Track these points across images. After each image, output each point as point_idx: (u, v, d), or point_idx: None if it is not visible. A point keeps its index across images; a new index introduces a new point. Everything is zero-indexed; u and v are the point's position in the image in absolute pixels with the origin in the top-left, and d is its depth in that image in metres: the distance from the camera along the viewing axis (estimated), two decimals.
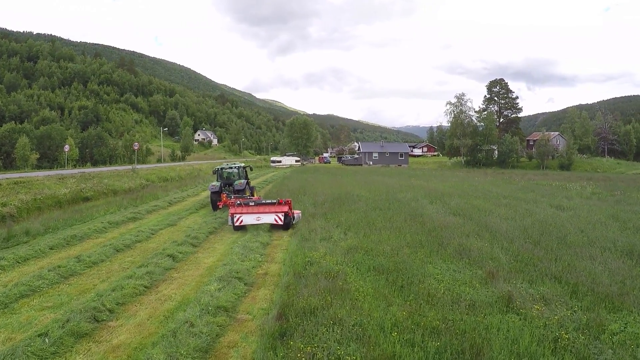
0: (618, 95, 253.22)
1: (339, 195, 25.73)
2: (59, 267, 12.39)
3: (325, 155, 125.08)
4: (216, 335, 7.91)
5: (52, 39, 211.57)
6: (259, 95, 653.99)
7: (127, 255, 14.29)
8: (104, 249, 14.56)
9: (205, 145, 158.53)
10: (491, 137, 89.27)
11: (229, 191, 24.91)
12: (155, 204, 26.30)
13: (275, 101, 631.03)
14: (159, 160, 72.90)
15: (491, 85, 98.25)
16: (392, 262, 11.38)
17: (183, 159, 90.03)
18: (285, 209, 18.19)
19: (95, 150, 65.67)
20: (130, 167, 45.57)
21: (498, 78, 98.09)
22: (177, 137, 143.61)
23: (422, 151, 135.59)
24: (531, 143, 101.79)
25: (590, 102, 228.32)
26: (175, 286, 11.01)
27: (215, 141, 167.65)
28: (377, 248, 12.92)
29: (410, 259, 11.82)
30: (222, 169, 27.02)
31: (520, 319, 8.10)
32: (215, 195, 24.55)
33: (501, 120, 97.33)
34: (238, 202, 19.35)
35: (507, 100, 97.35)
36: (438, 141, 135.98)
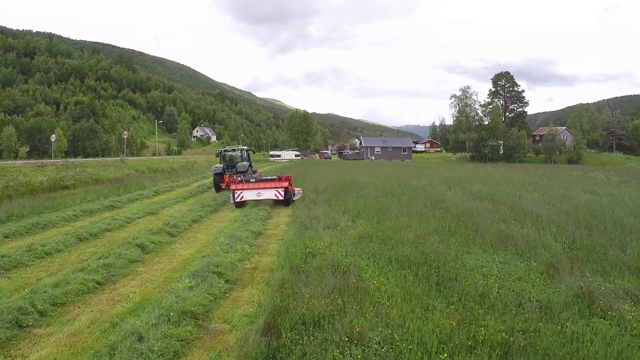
0: (618, 95, 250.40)
1: (343, 182, 23.15)
2: (2, 257, 9.99)
3: (326, 151, 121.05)
4: (173, 355, 5.34)
5: (50, 37, 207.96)
6: (259, 94, 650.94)
7: (90, 246, 11.87)
8: (65, 238, 12.15)
9: (204, 141, 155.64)
10: (497, 132, 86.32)
11: (232, 173, 24.66)
12: (140, 193, 23.82)
13: (275, 100, 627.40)
14: (153, 154, 70.24)
15: (496, 79, 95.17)
16: (419, 253, 8.81)
17: (179, 153, 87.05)
18: (285, 184, 18.47)
19: (87, 143, 62.96)
20: (119, 158, 42.88)
21: (503, 71, 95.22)
22: (175, 134, 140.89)
23: (425, 147, 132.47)
24: (537, 138, 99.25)
25: (590, 101, 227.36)
26: (137, 283, 8.52)
27: (213, 138, 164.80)
28: (397, 236, 10.34)
29: (442, 248, 9.27)
30: (225, 151, 27.42)
31: (612, 325, 5.66)
32: (218, 177, 24.80)
33: (507, 115, 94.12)
34: (239, 179, 19.53)
35: (513, 94, 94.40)
36: (441, 137, 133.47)
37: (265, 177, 20.06)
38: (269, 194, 18.36)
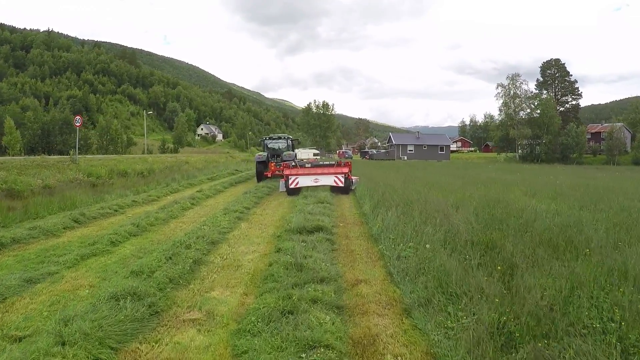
0: (631, 96, 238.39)
1: (488, 210, 10.06)
2: None
3: (345, 150, 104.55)
4: None
5: (49, 32, 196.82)
6: (268, 94, 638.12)
7: None
8: None
9: (209, 140, 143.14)
10: (552, 128, 72.93)
11: (278, 162, 22.98)
12: (35, 225, 11.67)
13: (284, 100, 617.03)
14: (143, 153, 58.50)
15: (545, 67, 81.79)
16: None
17: (175, 151, 74.54)
18: (346, 170, 17.41)
19: (59, 139, 51.11)
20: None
21: (553, 59, 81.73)
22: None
23: (457, 146, 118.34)
24: (588, 137, 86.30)
25: (602, 102, 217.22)
26: None
27: (220, 136, 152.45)
28: None
29: None
30: (269, 138, 26.08)
31: None
32: (262, 166, 23.46)
33: (558, 109, 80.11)
34: (293, 163, 18.24)
35: (565, 85, 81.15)
36: (471, 136, 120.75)
37: (321, 163, 19.53)
38: (328, 180, 17.23)
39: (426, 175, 24.61)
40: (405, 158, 78.31)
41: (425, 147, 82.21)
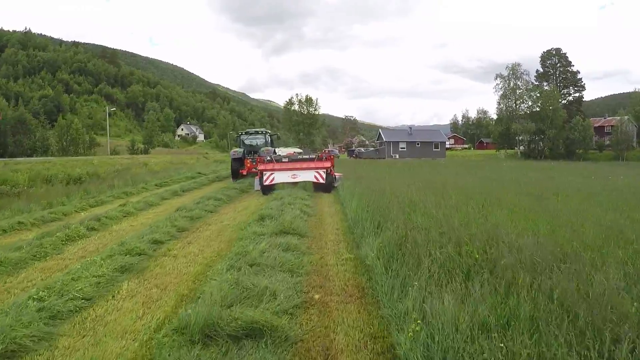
0: (616, 92, 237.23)
1: None
2: None
3: (332, 149, 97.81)
4: None
5: (33, 34, 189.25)
6: (254, 95, 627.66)
7: None
8: None
9: (189, 140, 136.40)
10: (556, 121, 67.80)
11: (254, 159, 20.81)
12: None
13: (270, 101, 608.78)
14: (115, 154, 52.67)
15: (545, 57, 76.50)
16: None
17: (146, 152, 67.91)
18: (328, 164, 15.78)
19: (9, 140, 45.00)
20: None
21: (554, 48, 76.52)
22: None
23: (449, 143, 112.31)
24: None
25: (587, 99, 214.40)
26: None
27: (201, 137, 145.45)
28: None
29: None
30: (246, 133, 25.53)
31: None
32: (238, 163, 22.47)
33: (560, 101, 74.28)
34: (268, 158, 16.51)
35: (567, 75, 75.92)
36: (464, 133, 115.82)
37: (300, 157, 17.71)
38: (307, 175, 15.58)
39: (445, 179, 18.80)
40: (397, 156, 71.23)
41: (418, 144, 75.07)
